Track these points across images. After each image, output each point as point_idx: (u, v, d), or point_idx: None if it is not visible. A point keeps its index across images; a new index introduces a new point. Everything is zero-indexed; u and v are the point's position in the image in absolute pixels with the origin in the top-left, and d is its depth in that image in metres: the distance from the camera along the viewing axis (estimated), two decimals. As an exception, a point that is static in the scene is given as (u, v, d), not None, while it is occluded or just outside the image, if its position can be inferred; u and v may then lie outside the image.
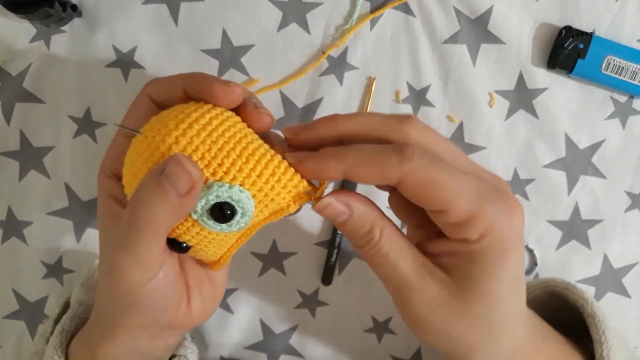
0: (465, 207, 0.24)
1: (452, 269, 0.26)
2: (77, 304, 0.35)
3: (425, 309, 0.26)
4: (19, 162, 0.41)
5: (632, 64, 0.39)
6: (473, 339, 0.26)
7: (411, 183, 0.24)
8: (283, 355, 0.43)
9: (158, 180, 0.23)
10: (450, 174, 0.24)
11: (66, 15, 0.38)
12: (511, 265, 0.25)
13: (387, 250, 0.26)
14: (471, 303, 0.25)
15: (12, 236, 0.42)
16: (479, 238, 0.24)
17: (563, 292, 0.35)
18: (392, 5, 0.40)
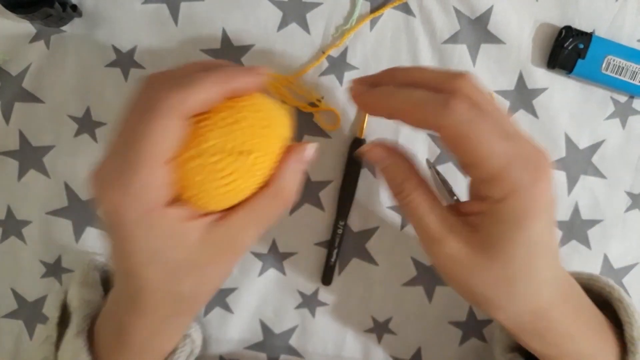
0: (493, 166, 0.25)
1: (477, 228, 0.27)
2: (85, 304, 0.34)
3: (447, 261, 0.28)
4: (18, 162, 0.41)
5: (632, 64, 0.39)
6: (491, 294, 0.28)
7: (449, 134, 0.26)
8: (283, 355, 0.43)
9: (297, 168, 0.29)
10: (486, 134, 0.26)
11: (66, 15, 0.38)
12: (532, 230, 0.26)
13: (417, 204, 0.28)
14: (490, 261, 0.27)
15: (11, 235, 0.42)
16: (501, 198, 0.26)
17: (587, 282, 0.35)
18: (392, 5, 0.40)
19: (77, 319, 0.33)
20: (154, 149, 0.24)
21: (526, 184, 0.26)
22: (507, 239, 0.26)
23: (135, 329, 0.29)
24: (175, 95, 0.24)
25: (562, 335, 0.30)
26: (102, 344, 0.32)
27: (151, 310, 0.28)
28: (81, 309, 0.34)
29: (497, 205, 0.26)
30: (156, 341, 0.31)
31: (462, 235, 0.27)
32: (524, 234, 0.26)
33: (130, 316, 0.29)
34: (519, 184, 0.26)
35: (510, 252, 0.26)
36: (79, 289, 0.36)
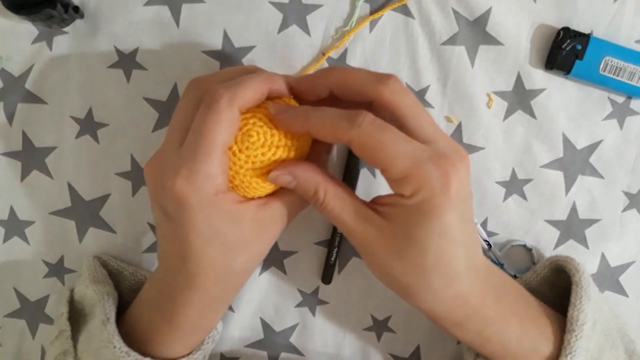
0: (401, 167, 0.28)
1: (390, 217, 0.29)
2: (107, 296, 0.36)
3: (365, 249, 0.31)
4: (21, 162, 0.42)
5: (630, 65, 0.39)
6: (408, 282, 0.30)
7: (357, 145, 0.28)
8: (283, 353, 0.43)
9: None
10: (392, 140, 0.28)
11: (68, 16, 0.38)
12: (442, 221, 0.28)
13: (332, 206, 0.31)
14: (403, 247, 0.29)
15: (14, 235, 0.42)
16: (411, 194, 0.28)
17: (563, 264, 0.37)
18: (392, 7, 0.40)
19: (101, 309, 0.34)
20: (217, 140, 0.28)
21: (434, 179, 0.28)
22: (418, 229, 0.28)
23: (189, 308, 0.33)
24: (231, 92, 0.29)
25: (484, 322, 0.31)
26: (139, 330, 0.34)
27: (208, 288, 0.32)
28: (103, 300, 0.35)
29: (408, 199, 0.28)
30: (205, 319, 0.35)
31: (376, 225, 0.30)
32: (433, 226, 0.28)
33: (185, 296, 0.32)
34: (427, 180, 0.28)
35: (422, 242, 0.29)
36: (91, 285, 0.37)
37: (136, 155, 0.41)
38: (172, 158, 0.29)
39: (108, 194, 0.42)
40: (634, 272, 0.43)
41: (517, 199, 0.42)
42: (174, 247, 0.31)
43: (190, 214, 0.29)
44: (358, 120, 0.28)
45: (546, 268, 0.39)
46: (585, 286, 0.34)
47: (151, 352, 0.34)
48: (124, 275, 0.41)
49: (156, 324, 0.34)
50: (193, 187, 0.28)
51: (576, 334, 0.32)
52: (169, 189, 0.28)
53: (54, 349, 0.36)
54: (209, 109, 0.28)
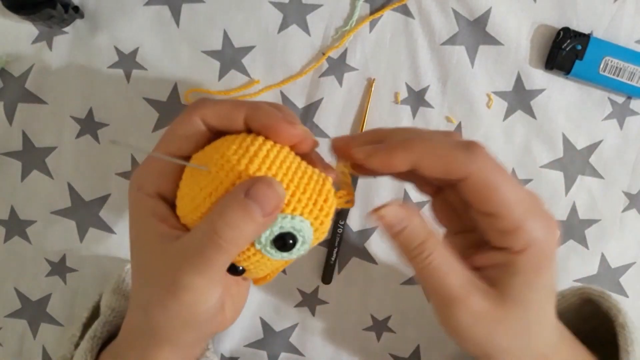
0: (517, 216, 0.25)
1: (495, 281, 0.26)
2: (109, 311, 0.35)
3: (470, 320, 0.26)
4: (21, 162, 0.42)
5: (629, 65, 0.39)
6: (507, 343, 0.27)
7: (476, 181, 0.25)
8: (283, 353, 0.43)
9: (244, 203, 0.23)
10: (510, 182, 0.25)
11: (68, 16, 0.38)
12: (547, 276, 0.26)
13: (438, 265, 0.26)
14: (511, 312, 0.26)
15: (15, 235, 0.42)
16: (521, 249, 0.25)
17: (597, 299, 0.35)
18: (392, 7, 0.40)
19: (97, 324, 0.34)
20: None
21: (543, 234, 0.25)
22: (529, 288, 0.26)
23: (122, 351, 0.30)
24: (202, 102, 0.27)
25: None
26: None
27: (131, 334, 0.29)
28: (104, 315, 0.35)
29: (517, 256, 0.26)
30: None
31: (483, 292, 0.26)
32: (542, 283, 0.26)
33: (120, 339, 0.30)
34: (538, 235, 0.25)
35: (530, 299, 0.26)
36: (110, 295, 0.37)
37: (136, 155, 0.41)
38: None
39: (108, 194, 0.42)
40: (634, 273, 0.43)
41: (517, 199, 0.42)
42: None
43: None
44: (478, 150, 0.25)
45: (576, 297, 0.37)
46: (633, 329, 0.32)
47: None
48: None
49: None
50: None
51: None
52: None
53: (61, 349, 0.35)
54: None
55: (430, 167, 0.25)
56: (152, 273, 0.26)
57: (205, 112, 0.27)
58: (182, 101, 0.41)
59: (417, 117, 0.41)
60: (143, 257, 0.27)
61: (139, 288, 0.28)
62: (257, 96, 0.41)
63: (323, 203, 0.26)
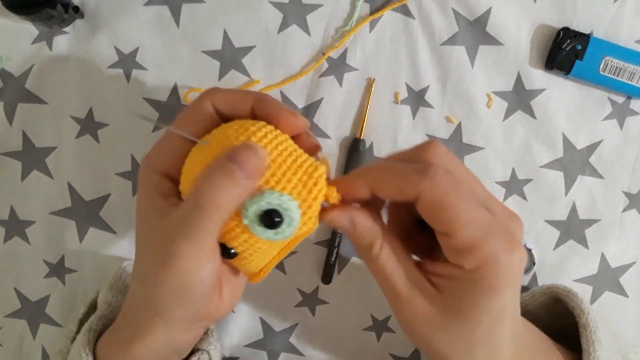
0: (469, 236, 0.25)
1: (443, 289, 0.27)
2: (106, 305, 0.35)
3: (412, 318, 0.27)
4: (21, 162, 0.42)
5: (629, 65, 0.39)
6: (451, 354, 0.27)
7: (427, 200, 0.25)
8: (283, 353, 0.43)
9: (226, 165, 0.24)
10: (464, 201, 0.25)
11: (68, 16, 0.38)
12: (500, 300, 0.26)
13: (384, 263, 0.28)
14: (453, 323, 0.27)
15: (15, 235, 0.42)
16: (473, 269, 0.25)
17: (564, 299, 0.36)
18: (392, 7, 0.40)
19: (92, 318, 0.34)
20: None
21: (500, 256, 0.25)
22: (474, 307, 0.26)
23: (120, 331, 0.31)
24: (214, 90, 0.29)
25: None
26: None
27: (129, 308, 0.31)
28: (100, 309, 0.35)
29: (468, 274, 0.26)
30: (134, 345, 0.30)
31: (427, 295, 0.27)
32: (491, 304, 0.26)
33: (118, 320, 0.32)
34: (493, 256, 0.25)
35: (475, 319, 0.26)
36: (107, 291, 0.37)
37: (136, 155, 0.41)
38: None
39: (108, 194, 0.42)
40: (634, 273, 0.43)
41: (517, 199, 0.42)
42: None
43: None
44: (430, 172, 0.25)
45: (545, 296, 0.38)
46: (594, 329, 0.33)
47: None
48: None
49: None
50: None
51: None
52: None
53: (59, 343, 0.36)
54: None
55: (385, 189, 0.27)
56: (148, 245, 0.28)
57: (216, 98, 0.29)
58: (182, 101, 0.41)
59: (417, 117, 0.41)
60: (143, 230, 0.28)
61: (137, 261, 0.29)
62: (257, 96, 0.41)
63: (313, 186, 0.26)
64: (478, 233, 0.25)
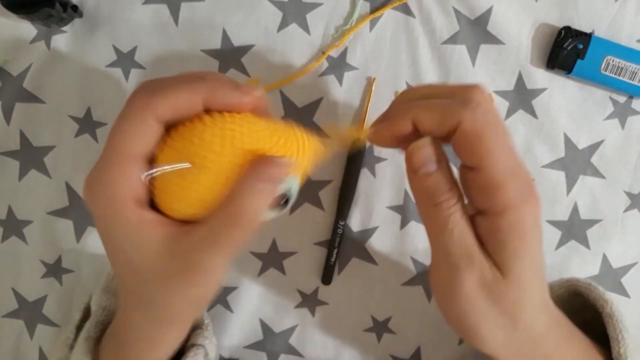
0: (500, 171, 0.25)
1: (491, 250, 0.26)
2: (100, 310, 0.35)
3: (473, 288, 0.26)
4: (19, 162, 0.41)
5: (631, 64, 0.39)
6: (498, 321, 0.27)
7: (466, 130, 0.25)
8: (283, 354, 0.43)
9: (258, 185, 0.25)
10: (500, 139, 0.25)
11: (67, 15, 0.38)
12: (532, 247, 0.26)
13: (453, 227, 0.26)
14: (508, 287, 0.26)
15: (12, 235, 0.42)
16: (500, 211, 0.25)
17: (585, 291, 0.35)
18: (392, 5, 0.40)
19: (89, 324, 0.34)
20: (124, 146, 0.25)
21: (523, 201, 0.25)
22: (515, 259, 0.26)
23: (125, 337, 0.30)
24: (148, 98, 0.25)
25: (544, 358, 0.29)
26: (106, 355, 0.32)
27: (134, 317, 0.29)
28: (96, 314, 0.35)
29: (499, 221, 0.26)
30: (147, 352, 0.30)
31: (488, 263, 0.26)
32: (526, 252, 0.26)
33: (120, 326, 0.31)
34: (517, 199, 0.25)
35: (519, 270, 0.26)
36: (101, 294, 0.36)
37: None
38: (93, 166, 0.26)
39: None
40: (636, 273, 0.42)
41: (518, 199, 0.42)
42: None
43: (98, 225, 0.27)
44: (472, 104, 0.25)
45: (563, 289, 0.37)
46: (620, 318, 0.32)
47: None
48: None
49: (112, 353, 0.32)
50: (99, 195, 0.25)
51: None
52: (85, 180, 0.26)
53: (56, 351, 0.35)
54: (122, 113, 0.25)
55: (428, 120, 0.26)
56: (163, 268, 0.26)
57: (160, 110, 0.25)
58: (181, 100, 0.40)
59: (417, 117, 0.41)
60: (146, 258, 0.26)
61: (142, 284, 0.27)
62: (256, 95, 0.41)
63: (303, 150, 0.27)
64: (506, 173, 0.25)
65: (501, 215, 0.26)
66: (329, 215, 0.41)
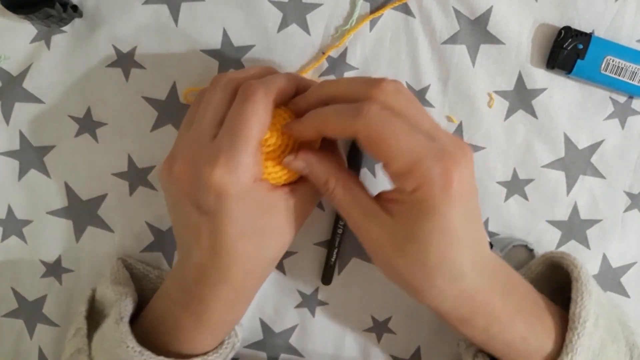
0: (403, 161, 0.28)
1: (394, 213, 0.30)
2: (124, 296, 0.35)
3: (371, 245, 0.31)
4: (18, 162, 0.41)
5: (631, 65, 0.39)
6: (412, 278, 0.30)
7: (363, 138, 0.28)
8: (283, 354, 0.43)
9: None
10: (398, 132, 0.28)
11: (67, 15, 0.38)
12: (444, 219, 0.28)
13: (340, 198, 0.32)
14: (406, 245, 0.29)
15: (12, 235, 0.42)
16: (412, 190, 0.28)
17: (559, 260, 0.36)
18: (392, 6, 0.40)
19: (117, 308, 0.34)
20: (254, 129, 0.29)
21: (435, 177, 0.27)
22: (418, 227, 0.28)
23: (219, 303, 0.33)
24: (267, 86, 0.30)
25: (489, 319, 0.31)
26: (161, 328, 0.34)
27: (240, 280, 0.32)
28: (120, 300, 0.35)
29: (410, 195, 0.28)
30: (234, 312, 0.35)
31: (381, 222, 0.30)
32: (434, 224, 0.28)
33: (216, 291, 0.32)
34: (430, 176, 0.27)
35: (424, 240, 0.28)
36: (112, 286, 0.37)
37: (134, 155, 0.41)
38: (207, 150, 0.30)
39: (105, 194, 0.41)
40: (635, 273, 0.42)
41: (518, 199, 0.42)
42: (206, 242, 0.31)
43: (229, 204, 0.29)
44: (363, 111, 0.28)
45: (541, 265, 0.39)
46: (585, 281, 0.33)
47: (175, 348, 0.34)
48: (149, 278, 0.40)
49: (182, 321, 0.33)
50: (232, 176, 0.29)
51: (578, 332, 0.31)
52: (206, 180, 0.29)
53: (70, 346, 0.36)
54: (246, 100, 0.30)
55: (329, 131, 0.30)
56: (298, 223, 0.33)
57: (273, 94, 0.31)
58: (181, 100, 0.40)
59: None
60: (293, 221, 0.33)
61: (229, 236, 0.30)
62: (256, 95, 0.40)
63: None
64: (412, 157, 0.27)
65: (410, 193, 0.28)
66: (329, 215, 0.41)
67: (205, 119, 0.31)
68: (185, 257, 0.33)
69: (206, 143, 0.30)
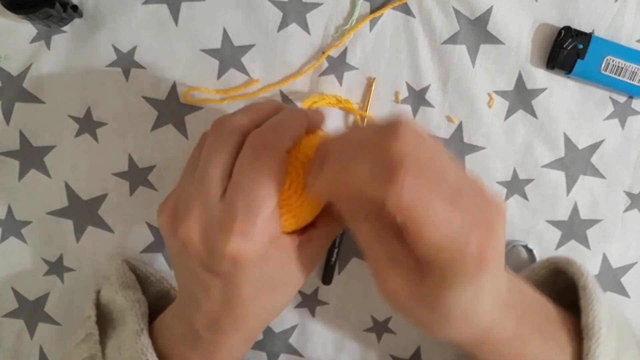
0: (434, 240, 0.24)
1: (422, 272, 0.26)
2: (138, 303, 0.35)
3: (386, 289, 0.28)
4: (18, 162, 0.41)
5: (631, 64, 0.39)
6: (427, 323, 0.28)
7: (393, 207, 0.24)
8: (283, 354, 0.43)
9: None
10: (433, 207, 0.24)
11: (67, 15, 0.38)
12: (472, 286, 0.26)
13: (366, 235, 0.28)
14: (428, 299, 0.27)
15: (11, 235, 0.42)
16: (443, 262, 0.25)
17: (564, 266, 0.35)
18: (392, 5, 0.40)
19: (134, 318, 0.33)
20: (273, 191, 0.27)
21: (472, 249, 0.24)
22: (447, 289, 0.26)
23: (230, 346, 0.32)
24: (279, 135, 0.28)
25: (503, 343, 0.30)
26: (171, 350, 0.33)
27: (254, 328, 0.32)
28: (134, 308, 0.34)
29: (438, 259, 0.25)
30: (241, 351, 0.34)
31: (405, 273, 0.27)
32: (463, 291, 0.26)
33: (228, 337, 0.31)
34: (465, 249, 0.24)
35: (450, 301, 0.26)
36: (121, 291, 0.36)
37: (134, 155, 0.41)
38: (218, 213, 0.27)
39: (105, 194, 0.41)
40: (635, 273, 0.42)
41: (518, 199, 0.42)
42: (218, 299, 0.29)
43: (246, 269, 0.28)
44: (397, 178, 0.23)
45: (544, 269, 0.38)
46: (594, 289, 0.33)
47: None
48: (150, 281, 0.40)
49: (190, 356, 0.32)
50: (249, 244, 0.26)
51: (596, 339, 0.30)
52: (221, 249, 0.26)
53: (80, 351, 0.35)
54: (258, 156, 0.26)
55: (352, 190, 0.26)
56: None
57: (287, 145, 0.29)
58: (181, 100, 0.40)
59: (417, 117, 0.41)
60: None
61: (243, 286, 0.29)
62: (256, 95, 0.41)
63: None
64: (446, 237, 0.24)
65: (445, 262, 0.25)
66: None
67: (211, 174, 0.28)
68: (192, 302, 0.31)
69: (215, 203, 0.27)
